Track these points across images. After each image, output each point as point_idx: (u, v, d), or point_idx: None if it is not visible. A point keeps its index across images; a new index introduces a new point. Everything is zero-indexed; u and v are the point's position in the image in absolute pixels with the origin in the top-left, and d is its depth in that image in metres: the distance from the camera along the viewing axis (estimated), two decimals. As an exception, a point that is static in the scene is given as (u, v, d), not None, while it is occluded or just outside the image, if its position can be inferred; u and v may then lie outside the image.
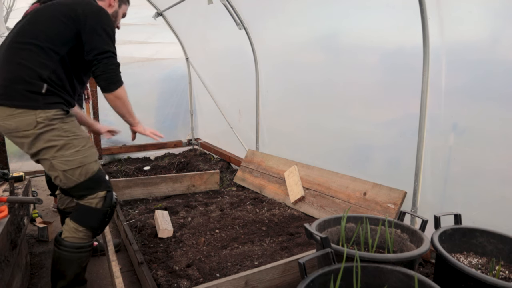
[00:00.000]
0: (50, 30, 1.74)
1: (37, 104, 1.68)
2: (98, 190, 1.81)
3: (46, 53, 1.72)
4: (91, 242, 1.89)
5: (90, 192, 1.80)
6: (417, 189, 2.28)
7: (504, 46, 1.87)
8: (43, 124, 1.68)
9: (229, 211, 3.04)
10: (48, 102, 1.71)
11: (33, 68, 1.69)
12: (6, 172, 2.41)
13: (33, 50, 1.70)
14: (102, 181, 1.84)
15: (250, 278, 1.77)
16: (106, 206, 1.83)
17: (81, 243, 1.84)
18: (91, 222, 1.83)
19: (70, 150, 1.75)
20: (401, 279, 1.37)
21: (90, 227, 1.83)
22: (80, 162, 1.76)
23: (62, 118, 1.75)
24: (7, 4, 10.23)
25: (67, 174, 1.76)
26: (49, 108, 1.70)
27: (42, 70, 1.70)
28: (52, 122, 1.70)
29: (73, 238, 1.82)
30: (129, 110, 1.97)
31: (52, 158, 1.74)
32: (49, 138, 1.71)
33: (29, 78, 1.68)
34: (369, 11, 2.48)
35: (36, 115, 1.67)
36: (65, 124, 1.76)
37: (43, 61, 1.71)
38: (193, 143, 5.61)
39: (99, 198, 1.81)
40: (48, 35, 1.73)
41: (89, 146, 1.83)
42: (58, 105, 1.74)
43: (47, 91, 1.70)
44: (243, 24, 3.59)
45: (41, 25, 1.75)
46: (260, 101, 3.90)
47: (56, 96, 1.75)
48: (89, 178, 1.79)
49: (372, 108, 2.63)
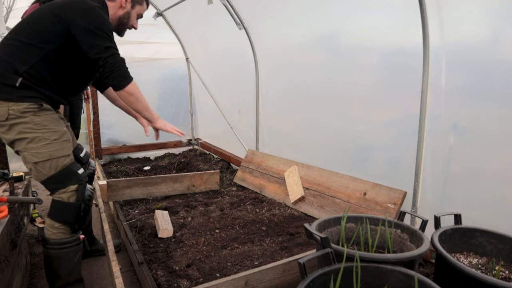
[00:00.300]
0: (38, 27, 1.79)
1: (10, 96, 1.74)
2: (69, 184, 1.82)
3: (29, 49, 1.77)
4: (75, 236, 1.89)
5: (61, 185, 1.82)
6: (417, 189, 2.28)
7: (504, 46, 1.87)
8: (14, 116, 1.75)
9: (229, 211, 3.04)
10: (21, 95, 1.76)
11: (11, 63, 1.76)
12: (6, 172, 2.41)
13: (16, 46, 1.78)
14: (73, 174, 1.85)
15: (250, 278, 1.77)
16: (78, 199, 1.83)
17: (63, 238, 1.84)
18: (65, 217, 1.83)
19: (40, 143, 1.78)
20: (401, 279, 1.37)
21: (65, 222, 1.84)
22: (50, 155, 1.79)
23: (35, 111, 1.79)
24: (7, 4, 10.23)
25: (38, 166, 1.80)
26: (22, 101, 1.76)
27: (19, 64, 1.76)
28: (23, 115, 1.76)
29: (53, 235, 1.83)
30: (145, 106, 1.97)
31: (24, 150, 1.80)
32: (20, 130, 1.77)
33: (5, 71, 1.75)
34: (369, 11, 2.48)
35: (8, 107, 1.74)
36: (37, 117, 1.79)
37: (23, 56, 1.77)
38: (193, 143, 5.61)
39: (71, 192, 1.82)
40: (34, 32, 1.79)
41: (62, 140, 1.85)
42: (32, 99, 1.78)
43: (22, 84, 1.76)
44: (243, 24, 3.59)
45: (32, 23, 1.82)
46: (260, 101, 3.90)
47: (32, 90, 1.79)
48: (59, 172, 1.81)
49: (372, 108, 2.63)
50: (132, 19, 2.16)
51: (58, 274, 1.88)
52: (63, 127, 1.92)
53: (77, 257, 1.91)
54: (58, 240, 1.84)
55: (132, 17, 2.15)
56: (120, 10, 2.07)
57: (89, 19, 1.77)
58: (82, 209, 1.85)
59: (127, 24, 2.15)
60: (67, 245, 1.86)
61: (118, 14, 2.07)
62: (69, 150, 1.88)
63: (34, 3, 2.56)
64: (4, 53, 1.79)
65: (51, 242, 1.84)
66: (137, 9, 2.16)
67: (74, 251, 1.89)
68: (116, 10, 2.06)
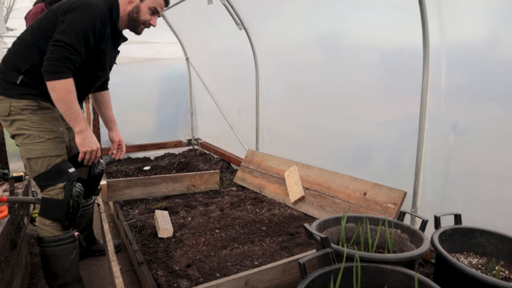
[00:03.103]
0: (40, 27, 1.82)
1: (11, 93, 1.81)
2: (58, 182, 1.84)
3: (30, 48, 1.82)
4: (69, 233, 1.90)
5: (50, 183, 1.84)
6: (417, 189, 2.28)
7: (504, 46, 1.87)
8: (14, 112, 1.82)
9: (229, 211, 3.04)
10: (21, 93, 1.81)
11: (14, 61, 1.83)
12: (6, 172, 2.41)
13: (20, 45, 1.84)
14: (64, 173, 1.86)
15: (250, 278, 1.77)
16: (67, 196, 1.84)
17: (56, 236, 1.85)
18: (54, 214, 1.85)
19: (34, 140, 1.83)
20: (401, 279, 1.37)
21: (55, 219, 1.85)
22: (42, 153, 1.83)
23: (33, 110, 1.83)
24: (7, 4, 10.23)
25: (31, 163, 1.84)
26: (22, 98, 1.81)
27: (21, 63, 1.81)
28: (22, 112, 1.82)
29: (45, 232, 1.85)
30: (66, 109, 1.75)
31: (20, 145, 1.86)
32: (19, 126, 1.84)
33: (7, 69, 1.83)
34: (369, 11, 2.48)
35: (10, 103, 1.81)
36: (35, 116, 1.83)
37: (25, 55, 1.82)
38: (193, 143, 5.61)
39: (59, 189, 1.83)
40: (36, 32, 1.83)
41: (56, 140, 1.88)
42: (32, 96, 1.82)
43: (22, 82, 1.81)
44: (243, 24, 3.59)
45: (38, 23, 1.85)
46: (260, 101, 3.90)
47: (32, 87, 1.83)
48: (49, 170, 1.84)
49: (372, 108, 2.63)
50: (142, 14, 1.99)
51: (55, 273, 1.88)
52: (61, 127, 1.92)
53: (73, 254, 1.91)
54: (51, 237, 1.84)
55: (142, 11, 1.99)
56: (129, 6, 1.97)
57: (72, 14, 1.74)
58: (71, 206, 1.86)
59: (137, 20, 2.00)
60: (61, 242, 1.86)
61: (127, 10, 1.97)
62: (61, 151, 1.90)
63: (37, 3, 2.56)
64: (11, 53, 1.85)
65: (45, 240, 1.85)
66: (147, 2, 1.98)
67: (70, 248, 1.89)
68: (126, 6, 1.97)
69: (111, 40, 1.98)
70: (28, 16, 2.53)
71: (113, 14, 1.92)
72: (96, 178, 2.28)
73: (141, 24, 2.03)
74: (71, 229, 1.92)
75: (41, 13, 2.47)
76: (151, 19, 2.03)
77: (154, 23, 2.05)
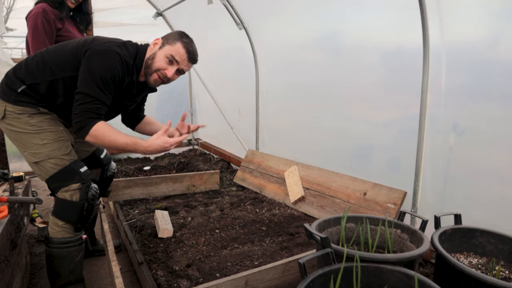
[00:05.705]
0: (60, 53, 1.83)
1: (8, 98, 1.81)
2: (71, 182, 1.82)
3: (44, 68, 1.81)
4: (78, 236, 1.90)
5: (63, 184, 1.82)
6: (417, 189, 2.28)
7: (504, 46, 1.87)
8: (11, 116, 1.82)
9: (229, 211, 3.03)
10: (18, 100, 1.81)
11: (23, 71, 1.83)
12: (6, 172, 2.41)
13: (38, 61, 1.83)
14: (76, 173, 1.85)
15: (250, 278, 1.77)
16: (82, 198, 1.83)
17: (66, 237, 1.85)
18: (68, 215, 1.84)
19: (36, 142, 1.82)
20: (401, 279, 1.37)
21: (68, 221, 1.84)
22: (47, 155, 1.82)
23: (30, 113, 1.83)
24: (7, 4, 10.22)
25: (40, 166, 1.83)
26: (17, 104, 1.81)
27: (28, 76, 1.82)
28: (19, 116, 1.82)
29: (56, 233, 1.84)
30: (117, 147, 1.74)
31: (23, 151, 1.85)
32: (14, 129, 1.83)
33: (13, 76, 1.84)
34: (369, 11, 2.48)
35: (5, 107, 1.81)
36: (32, 119, 1.83)
37: (35, 71, 1.81)
38: (193, 143, 5.61)
39: (73, 191, 1.82)
40: (54, 55, 1.83)
41: (59, 140, 1.86)
42: (28, 104, 1.82)
43: (23, 91, 1.81)
44: (243, 24, 3.59)
45: (61, 46, 1.87)
46: (260, 101, 3.90)
47: (30, 97, 1.83)
48: (60, 170, 1.82)
49: (372, 108, 2.63)
50: (157, 61, 1.82)
51: (59, 273, 1.89)
52: (60, 126, 1.92)
53: (79, 256, 1.92)
54: (61, 239, 1.84)
55: (157, 58, 1.82)
56: (148, 53, 1.89)
57: (91, 61, 1.72)
58: (85, 208, 1.86)
59: (150, 67, 1.84)
60: (69, 244, 1.86)
61: (146, 57, 1.89)
62: (67, 149, 1.88)
63: (38, 3, 2.55)
64: (25, 64, 1.84)
65: (54, 241, 1.84)
66: (166, 49, 1.82)
67: (77, 250, 1.90)
68: (148, 53, 1.89)
69: (128, 88, 1.92)
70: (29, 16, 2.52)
71: (136, 63, 1.86)
72: (108, 180, 2.29)
73: (154, 72, 1.85)
74: (81, 231, 1.93)
75: (42, 13, 2.46)
76: (166, 68, 1.82)
77: (170, 74, 1.83)
